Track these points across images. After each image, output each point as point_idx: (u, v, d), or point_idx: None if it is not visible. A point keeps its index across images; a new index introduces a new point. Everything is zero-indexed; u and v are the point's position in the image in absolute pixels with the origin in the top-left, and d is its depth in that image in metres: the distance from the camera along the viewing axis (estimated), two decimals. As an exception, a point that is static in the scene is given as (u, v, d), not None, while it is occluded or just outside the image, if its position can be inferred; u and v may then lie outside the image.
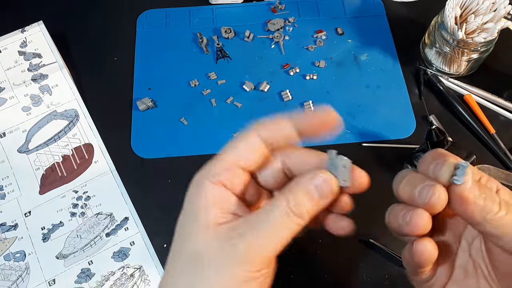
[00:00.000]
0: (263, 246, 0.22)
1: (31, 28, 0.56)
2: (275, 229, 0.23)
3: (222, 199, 0.24)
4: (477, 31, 0.48)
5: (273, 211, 0.23)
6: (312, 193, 0.23)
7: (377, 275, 0.43)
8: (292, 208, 0.23)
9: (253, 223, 0.23)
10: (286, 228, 0.23)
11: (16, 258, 0.45)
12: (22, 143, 0.50)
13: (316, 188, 0.23)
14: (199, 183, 0.24)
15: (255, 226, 0.23)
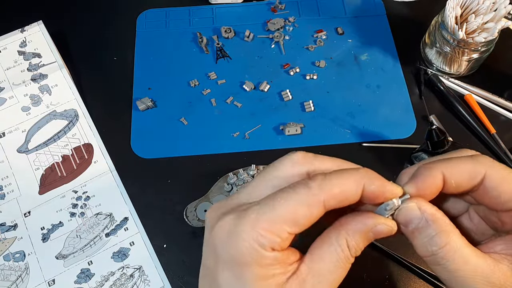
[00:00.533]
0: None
1: (31, 28, 0.56)
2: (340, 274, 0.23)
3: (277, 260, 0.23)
4: (478, 31, 0.48)
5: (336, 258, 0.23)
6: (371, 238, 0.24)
7: (377, 275, 0.43)
8: (352, 253, 0.23)
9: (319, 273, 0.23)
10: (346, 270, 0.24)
11: (15, 258, 0.44)
12: (21, 143, 0.50)
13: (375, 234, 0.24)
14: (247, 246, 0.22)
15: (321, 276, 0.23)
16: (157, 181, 0.48)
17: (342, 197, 0.23)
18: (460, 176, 0.24)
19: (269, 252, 0.22)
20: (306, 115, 0.52)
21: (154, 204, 0.47)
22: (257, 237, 0.22)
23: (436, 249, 0.23)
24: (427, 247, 0.23)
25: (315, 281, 0.23)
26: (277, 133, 0.51)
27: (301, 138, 0.50)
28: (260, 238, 0.22)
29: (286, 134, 0.50)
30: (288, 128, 0.50)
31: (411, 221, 0.24)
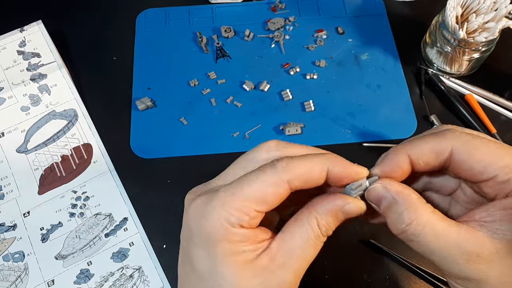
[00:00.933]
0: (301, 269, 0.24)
1: (30, 27, 0.56)
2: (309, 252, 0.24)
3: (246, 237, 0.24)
4: (478, 30, 0.48)
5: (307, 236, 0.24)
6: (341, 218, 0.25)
7: (377, 275, 0.43)
8: (323, 232, 0.24)
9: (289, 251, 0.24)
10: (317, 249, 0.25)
11: (15, 259, 0.44)
12: (21, 143, 0.50)
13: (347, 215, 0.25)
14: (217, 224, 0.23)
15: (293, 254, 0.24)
16: (157, 181, 0.48)
17: (306, 178, 0.24)
18: (426, 155, 0.25)
19: (237, 229, 0.23)
20: (306, 115, 0.51)
21: (153, 205, 0.47)
22: (226, 215, 0.23)
23: (404, 226, 0.24)
24: (397, 225, 0.24)
25: (285, 258, 0.24)
26: (277, 133, 0.50)
27: (301, 138, 0.50)
28: (229, 216, 0.23)
29: (286, 134, 0.50)
30: (288, 128, 0.50)
31: (380, 200, 0.25)
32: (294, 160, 0.24)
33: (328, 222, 0.24)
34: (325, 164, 0.24)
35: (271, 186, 0.23)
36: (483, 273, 0.22)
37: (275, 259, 0.24)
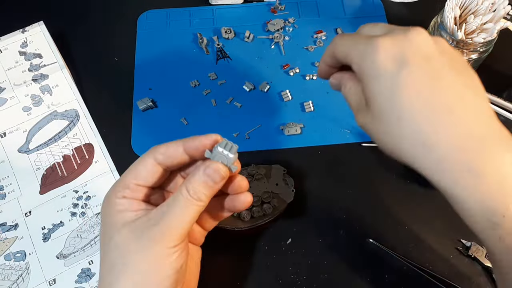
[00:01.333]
0: (174, 226, 0.29)
1: (32, 28, 0.56)
2: (181, 211, 0.29)
3: (128, 206, 0.30)
4: (477, 31, 0.48)
5: (178, 199, 0.29)
6: (206, 181, 0.30)
7: (377, 275, 0.43)
8: (192, 195, 0.30)
9: (162, 211, 0.29)
10: (190, 210, 0.29)
11: (16, 258, 0.45)
12: (22, 143, 0.50)
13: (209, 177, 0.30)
14: (109, 199, 0.31)
15: (165, 213, 0.29)
16: (158, 181, 0.48)
17: (166, 153, 0.31)
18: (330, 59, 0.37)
19: (121, 199, 0.31)
20: (306, 115, 0.52)
21: (154, 204, 0.47)
22: (114, 191, 0.31)
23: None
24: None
25: (159, 217, 0.29)
26: (277, 133, 0.51)
27: (301, 138, 0.50)
28: (116, 192, 0.31)
29: (286, 134, 0.50)
30: (288, 128, 0.50)
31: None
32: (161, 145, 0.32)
33: (195, 186, 0.30)
34: (180, 142, 0.32)
35: (142, 163, 0.31)
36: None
37: (150, 219, 0.29)
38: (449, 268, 0.43)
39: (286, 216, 0.45)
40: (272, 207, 0.44)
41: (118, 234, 0.29)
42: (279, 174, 0.46)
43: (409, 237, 0.44)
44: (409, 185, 0.47)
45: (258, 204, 0.44)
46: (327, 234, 0.45)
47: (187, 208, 0.29)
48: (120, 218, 0.30)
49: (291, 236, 0.45)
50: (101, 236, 0.31)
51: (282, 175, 0.46)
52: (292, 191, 0.45)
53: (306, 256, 0.44)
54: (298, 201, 0.46)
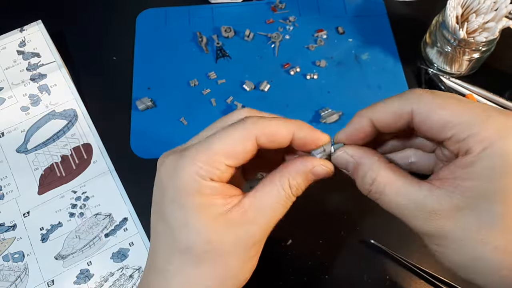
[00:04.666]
0: (270, 226, 0.26)
1: (30, 27, 0.55)
2: (279, 210, 0.26)
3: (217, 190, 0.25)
4: (478, 30, 0.48)
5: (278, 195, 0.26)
6: (311, 179, 0.27)
7: (378, 276, 0.43)
8: (293, 192, 0.26)
9: (261, 207, 0.25)
10: (286, 208, 0.27)
11: (14, 259, 0.44)
12: (20, 143, 0.50)
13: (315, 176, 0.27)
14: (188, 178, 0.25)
15: (264, 210, 0.25)
16: (157, 181, 0.48)
17: (272, 135, 0.26)
18: (386, 118, 0.26)
19: (208, 182, 0.25)
20: (306, 115, 0.51)
21: (153, 205, 0.47)
22: (196, 169, 0.24)
23: (368, 186, 0.26)
24: (363, 185, 0.26)
25: (256, 214, 0.25)
26: (277, 133, 0.50)
27: (301, 138, 0.50)
28: (199, 170, 0.24)
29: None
30: None
31: (347, 165, 0.27)
32: (263, 118, 0.26)
33: (299, 182, 0.26)
34: (292, 126, 0.26)
35: (240, 140, 0.25)
36: (441, 229, 0.23)
37: (246, 214, 0.25)
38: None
39: (286, 216, 0.45)
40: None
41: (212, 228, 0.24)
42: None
43: (410, 238, 0.44)
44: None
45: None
46: (328, 235, 0.45)
47: (286, 204, 0.26)
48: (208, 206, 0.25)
49: (291, 237, 0.45)
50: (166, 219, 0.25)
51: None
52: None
53: (307, 257, 0.44)
54: (298, 201, 0.45)
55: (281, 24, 0.58)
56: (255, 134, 0.25)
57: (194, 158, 0.25)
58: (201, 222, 0.24)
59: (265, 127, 0.25)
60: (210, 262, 0.25)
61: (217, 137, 0.25)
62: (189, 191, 0.24)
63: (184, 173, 0.25)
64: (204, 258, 0.25)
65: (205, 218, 0.24)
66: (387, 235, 0.44)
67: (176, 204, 0.25)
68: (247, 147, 0.25)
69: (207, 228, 0.24)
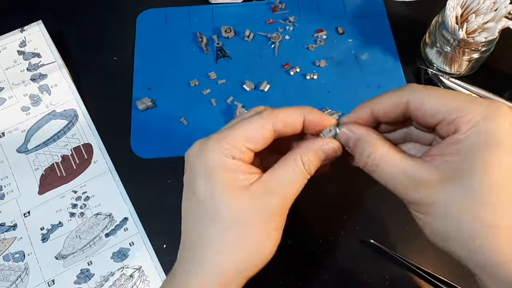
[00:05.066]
0: (288, 198, 0.28)
1: (30, 27, 0.56)
2: (295, 183, 0.28)
3: (239, 167, 0.28)
4: (478, 30, 0.48)
5: (292, 169, 0.28)
6: (321, 157, 0.29)
7: (377, 275, 0.43)
8: (306, 167, 0.29)
9: (279, 180, 0.28)
10: (301, 182, 0.29)
11: (15, 259, 0.44)
12: (21, 143, 0.50)
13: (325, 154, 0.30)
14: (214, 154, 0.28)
15: (281, 183, 0.28)
16: (157, 181, 0.48)
17: (287, 122, 0.29)
18: (385, 107, 0.29)
19: (231, 159, 0.28)
20: (306, 115, 0.52)
21: (154, 204, 0.47)
22: (220, 148, 0.28)
23: (366, 157, 0.28)
24: (361, 158, 0.29)
25: (276, 186, 0.28)
26: (277, 133, 0.51)
27: (301, 138, 0.50)
28: (223, 150, 0.28)
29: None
30: None
31: (348, 141, 0.30)
32: (277, 109, 0.30)
33: (310, 159, 0.29)
34: (302, 112, 0.30)
35: (258, 127, 0.29)
36: (428, 198, 0.25)
37: (266, 186, 0.28)
38: (450, 268, 0.42)
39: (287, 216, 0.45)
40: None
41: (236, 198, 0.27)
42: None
43: (410, 237, 0.44)
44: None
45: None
46: (328, 234, 0.45)
47: (301, 179, 0.29)
48: (233, 180, 0.28)
49: (291, 237, 0.45)
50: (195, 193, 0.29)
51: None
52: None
53: (307, 257, 0.44)
54: (298, 201, 0.45)
55: (281, 24, 0.58)
56: (272, 121, 0.29)
57: (218, 140, 0.29)
58: (226, 193, 0.28)
59: (279, 113, 0.29)
60: (235, 231, 0.27)
61: (239, 124, 0.29)
62: (215, 166, 0.28)
63: (210, 152, 0.28)
64: (230, 226, 0.27)
65: (230, 190, 0.28)
66: (387, 235, 0.44)
67: (204, 179, 0.28)
68: (265, 132, 0.29)
69: (232, 198, 0.27)
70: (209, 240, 0.28)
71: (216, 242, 0.28)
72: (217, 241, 0.28)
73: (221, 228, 0.28)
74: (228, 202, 0.28)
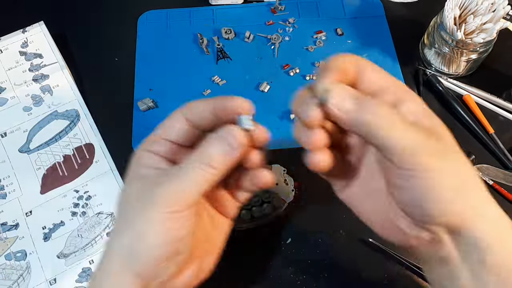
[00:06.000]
0: (178, 191, 0.26)
1: (32, 28, 0.56)
2: (189, 177, 0.26)
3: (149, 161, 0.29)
4: (476, 31, 0.48)
5: (189, 163, 0.27)
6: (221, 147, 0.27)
7: (376, 274, 0.43)
8: (203, 160, 0.27)
9: (171, 173, 0.27)
10: (199, 177, 0.27)
11: (17, 258, 0.45)
12: (23, 143, 0.50)
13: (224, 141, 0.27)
14: (135, 151, 0.30)
15: (173, 175, 0.27)
16: (158, 181, 0.48)
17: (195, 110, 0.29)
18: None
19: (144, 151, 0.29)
20: (306, 115, 0.52)
21: (155, 204, 0.47)
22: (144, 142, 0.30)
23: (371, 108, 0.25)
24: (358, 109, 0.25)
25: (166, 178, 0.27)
26: (277, 133, 0.51)
27: (301, 138, 0.50)
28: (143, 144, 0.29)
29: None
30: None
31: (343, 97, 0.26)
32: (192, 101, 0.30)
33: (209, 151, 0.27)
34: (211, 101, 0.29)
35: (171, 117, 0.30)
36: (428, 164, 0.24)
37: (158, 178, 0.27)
38: (449, 268, 0.43)
39: (286, 216, 0.45)
40: (272, 207, 0.44)
41: (129, 187, 0.28)
42: (279, 173, 0.46)
43: (409, 236, 0.44)
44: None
45: (258, 204, 0.44)
46: (327, 233, 0.45)
47: (196, 174, 0.26)
48: (137, 171, 0.29)
49: (291, 236, 0.45)
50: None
51: (282, 174, 0.46)
52: (292, 190, 0.45)
53: (306, 256, 0.44)
54: (298, 201, 0.46)
55: (281, 25, 0.58)
56: (182, 110, 0.29)
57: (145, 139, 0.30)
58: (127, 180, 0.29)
59: (190, 104, 0.30)
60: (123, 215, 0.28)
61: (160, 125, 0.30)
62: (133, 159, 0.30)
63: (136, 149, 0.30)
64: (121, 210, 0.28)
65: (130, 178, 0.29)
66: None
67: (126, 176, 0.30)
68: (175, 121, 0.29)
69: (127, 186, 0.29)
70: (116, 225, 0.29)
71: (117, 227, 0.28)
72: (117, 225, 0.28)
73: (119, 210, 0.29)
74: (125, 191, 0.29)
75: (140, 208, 0.26)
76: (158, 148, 0.29)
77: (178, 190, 0.26)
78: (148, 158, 0.29)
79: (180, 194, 0.26)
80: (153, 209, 0.26)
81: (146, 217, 0.26)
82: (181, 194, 0.26)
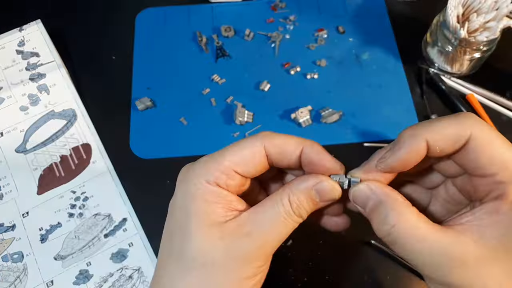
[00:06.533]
0: (268, 244, 0.24)
1: (29, 27, 0.55)
2: (278, 227, 0.24)
3: (221, 198, 0.25)
4: (479, 30, 0.48)
5: (277, 211, 0.24)
6: (314, 197, 0.25)
7: (378, 276, 0.43)
8: (294, 210, 0.24)
9: (258, 221, 0.24)
10: (287, 227, 0.25)
11: (14, 259, 0.44)
12: (19, 143, 0.50)
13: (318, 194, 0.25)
14: (196, 182, 0.25)
15: (261, 225, 0.24)
16: (156, 182, 0.48)
17: (280, 148, 0.25)
18: (444, 142, 0.23)
19: (214, 187, 0.24)
20: (306, 115, 0.51)
21: (153, 205, 0.47)
22: (205, 173, 0.24)
23: (389, 228, 0.23)
24: (381, 227, 0.23)
25: (252, 228, 0.24)
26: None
27: (302, 138, 0.50)
28: (207, 175, 0.24)
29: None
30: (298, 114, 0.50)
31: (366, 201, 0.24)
32: (275, 133, 0.26)
33: (300, 199, 0.25)
34: (302, 143, 0.26)
35: (249, 147, 0.25)
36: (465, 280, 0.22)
37: (242, 227, 0.24)
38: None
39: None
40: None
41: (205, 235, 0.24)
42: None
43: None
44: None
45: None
46: (328, 235, 0.45)
47: (286, 223, 0.24)
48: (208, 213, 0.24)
49: (292, 238, 0.45)
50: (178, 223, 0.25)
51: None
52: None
53: (307, 258, 0.44)
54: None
55: (281, 23, 0.58)
56: (263, 143, 0.25)
57: (205, 163, 0.25)
58: (196, 227, 0.24)
59: (274, 138, 0.26)
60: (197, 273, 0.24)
61: (229, 147, 0.25)
62: (194, 195, 0.24)
63: (192, 179, 0.25)
64: (192, 266, 0.24)
65: (201, 224, 0.24)
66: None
67: (180, 208, 0.25)
68: (256, 155, 0.25)
69: (200, 234, 0.24)
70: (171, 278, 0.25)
71: (177, 281, 0.24)
72: (177, 281, 0.24)
73: (184, 267, 0.24)
74: (195, 238, 0.24)
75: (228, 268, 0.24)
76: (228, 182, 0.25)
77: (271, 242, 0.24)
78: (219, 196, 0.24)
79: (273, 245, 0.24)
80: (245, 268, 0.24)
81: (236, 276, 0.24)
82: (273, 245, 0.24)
